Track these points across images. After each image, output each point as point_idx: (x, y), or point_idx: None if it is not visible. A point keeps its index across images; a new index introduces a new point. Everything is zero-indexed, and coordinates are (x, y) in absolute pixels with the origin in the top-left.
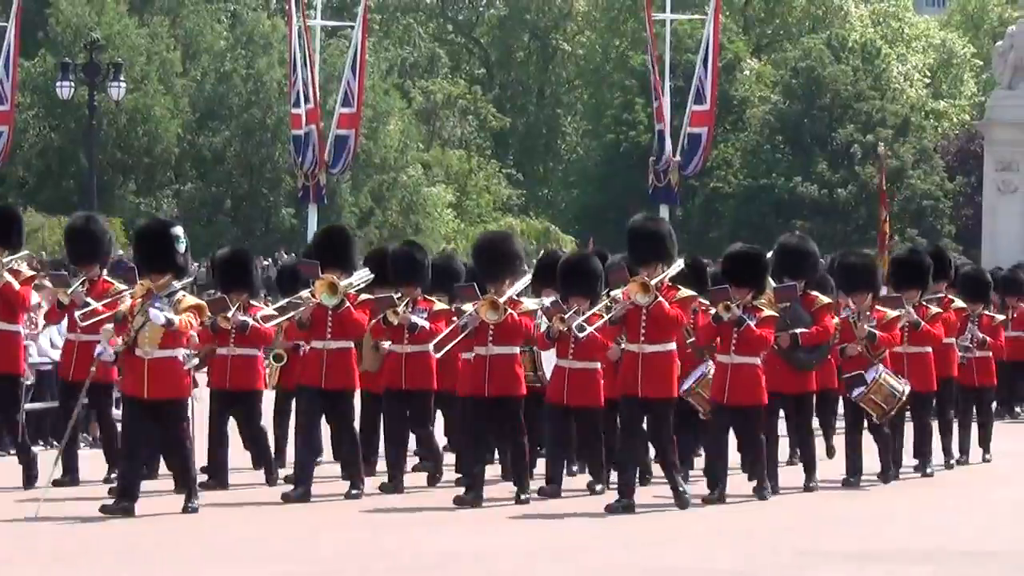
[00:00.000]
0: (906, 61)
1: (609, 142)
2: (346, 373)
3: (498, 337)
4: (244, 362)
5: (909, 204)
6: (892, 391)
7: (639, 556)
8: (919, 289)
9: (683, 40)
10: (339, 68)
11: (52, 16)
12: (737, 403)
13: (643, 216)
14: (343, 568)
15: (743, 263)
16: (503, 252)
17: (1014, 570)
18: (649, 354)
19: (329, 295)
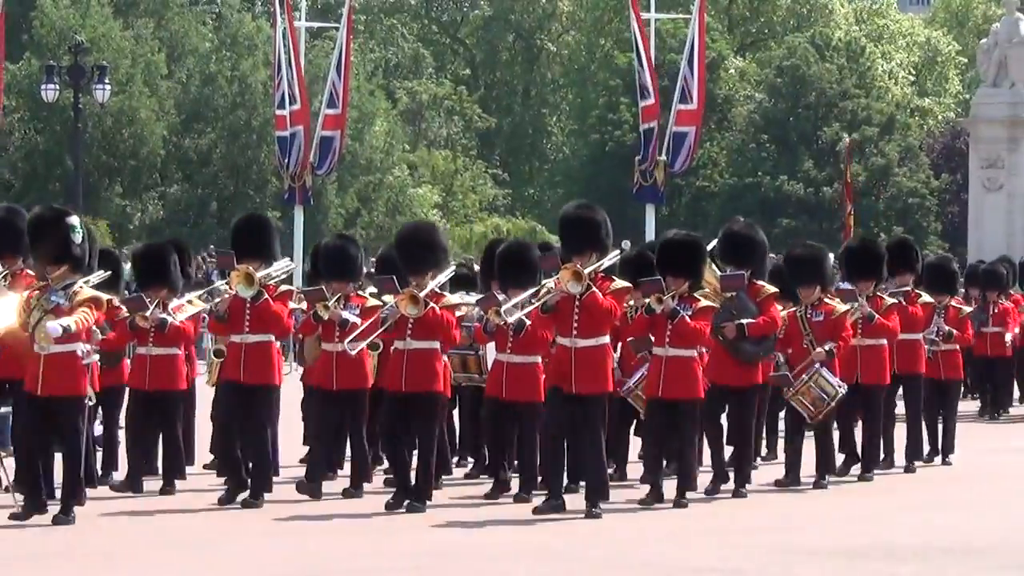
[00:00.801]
0: (891, 59)
1: (594, 142)
2: (266, 368)
3: (417, 331)
4: (164, 361)
5: (895, 202)
6: (821, 395)
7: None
8: (873, 280)
9: (667, 40)
10: (324, 69)
11: (36, 19)
12: (672, 397)
13: (575, 203)
14: None
15: (679, 251)
16: (426, 244)
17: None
18: (582, 348)
19: (245, 286)
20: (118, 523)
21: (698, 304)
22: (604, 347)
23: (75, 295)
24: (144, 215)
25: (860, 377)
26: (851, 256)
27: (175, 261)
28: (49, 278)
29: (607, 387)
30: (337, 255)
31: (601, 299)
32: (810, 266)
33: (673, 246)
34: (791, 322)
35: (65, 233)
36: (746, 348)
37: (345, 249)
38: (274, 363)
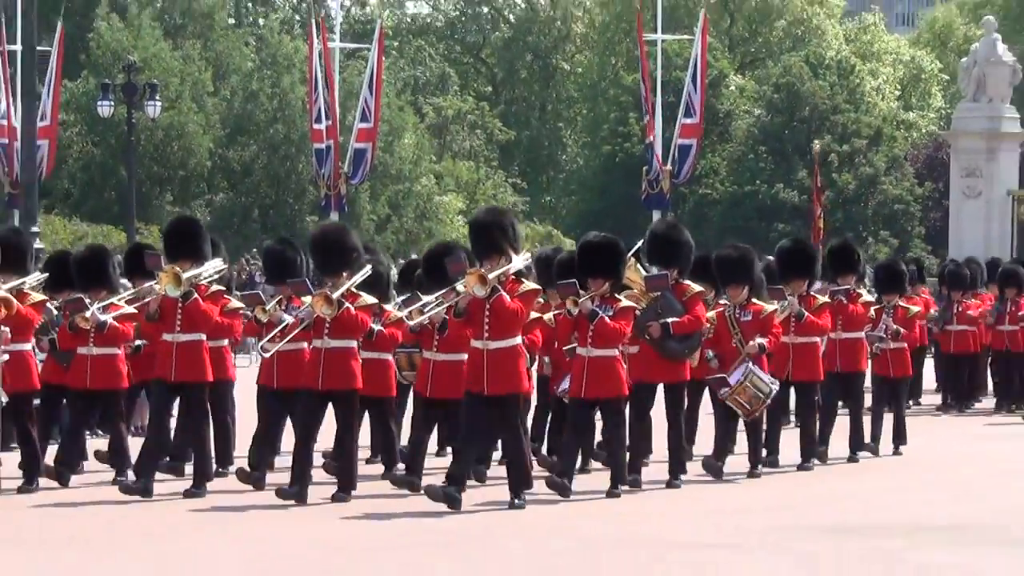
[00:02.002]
0: (878, 76)
1: (606, 153)
2: (197, 366)
3: (334, 331)
4: (104, 361)
5: (882, 208)
6: (756, 393)
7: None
8: (805, 280)
9: (672, 59)
10: (357, 87)
11: (93, 40)
12: (595, 396)
13: (485, 208)
14: None
15: (597, 253)
16: (337, 246)
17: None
18: (493, 350)
19: (173, 286)
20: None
21: (619, 304)
22: (516, 347)
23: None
24: None
25: (792, 374)
26: (784, 256)
27: (114, 264)
28: None
29: (520, 387)
30: (276, 259)
31: (508, 301)
32: (738, 267)
33: (591, 248)
34: (720, 321)
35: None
36: (671, 346)
37: (283, 253)
38: (205, 361)
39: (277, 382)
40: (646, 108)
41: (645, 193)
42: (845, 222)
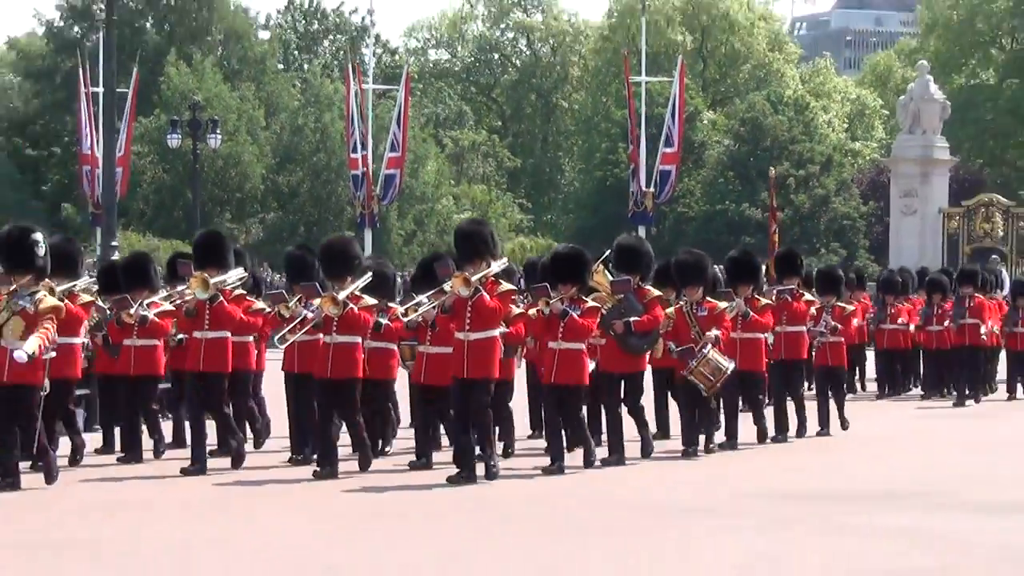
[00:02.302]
0: (829, 111)
1: (598, 177)
2: (220, 359)
3: (341, 328)
4: (146, 351)
5: (832, 224)
6: (718, 366)
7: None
8: (750, 285)
9: (655, 97)
10: (387, 122)
11: (164, 83)
12: (562, 383)
13: (468, 219)
14: None
15: (566, 261)
16: (343, 254)
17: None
18: (473, 341)
19: (202, 290)
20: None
21: (586, 305)
22: (493, 339)
23: (39, 302)
24: (247, 236)
25: (739, 364)
26: (732, 265)
27: (155, 268)
28: (16, 285)
29: (493, 373)
30: (297, 262)
31: (488, 300)
32: (694, 270)
33: (560, 258)
34: (679, 317)
35: (30, 246)
36: (632, 342)
37: (304, 258)
38: (227, 355)
39: (297, 367)
40: (632, 139)
41: (631, 211)
42: (801, 235)
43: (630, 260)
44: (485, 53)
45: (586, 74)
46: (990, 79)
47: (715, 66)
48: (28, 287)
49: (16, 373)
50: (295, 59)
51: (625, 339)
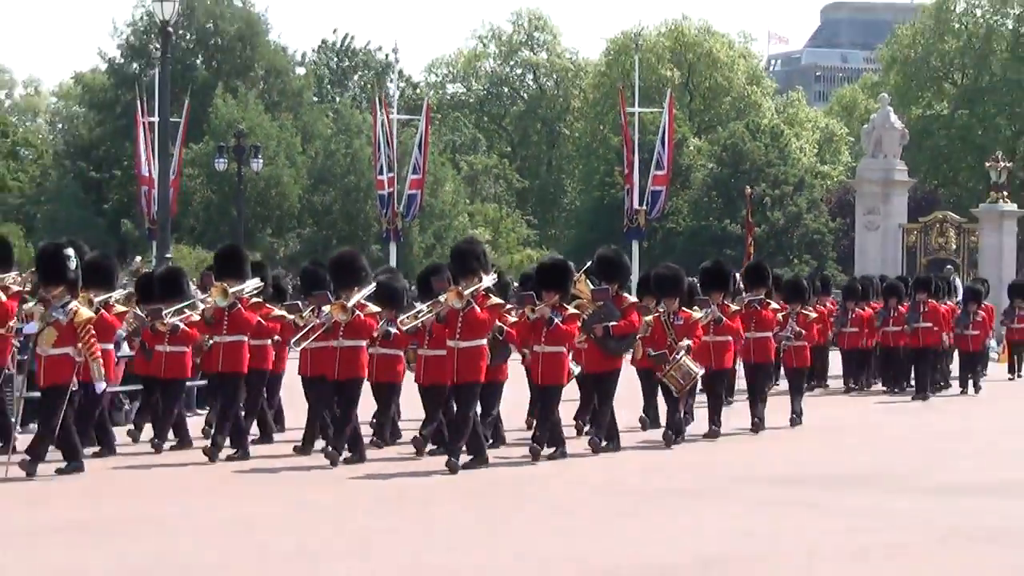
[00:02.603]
0: (801, 139)
1: (596, 197)
2: (237, 361)
3: (347, 333)
4: (175, 357)
5: (804, 238)
6: (689, 371)
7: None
8: (722, 292)
9: (647, 126)
10: (410, 147)
11: (212, 113)
12: (545, 383)
13: (464, 239)
14: None
15: (550, 272)
16: (351, 266)
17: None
18: (463, 348)
19: (221, 298)
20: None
21: (567, 312)
22: (480, 347)
23: (75, 313)
24: (286, 249)
25: (713, 364)
26: (705, 275)
27: (187, 281)
28: (49, 296)
29: (479, 378)
30: (311, 276)
31: (478, 312)
32: (671, 283)
33: (545, 269)
34: (656, 324)
35: (62, 261)
36: (611, 344)
37: (316, 272)
38: (244, 357)
39: (310, 370)
40: (626, 163)
41: (626, 227)
42: (776, 248)
43: (609, 271)
44: (496, 87)
45: (585, 105)
46: (943, 110)
47: (700, 98)
48: (60, 299)
49: (49, 376)
50: (328, 92)
51: (605, 342)
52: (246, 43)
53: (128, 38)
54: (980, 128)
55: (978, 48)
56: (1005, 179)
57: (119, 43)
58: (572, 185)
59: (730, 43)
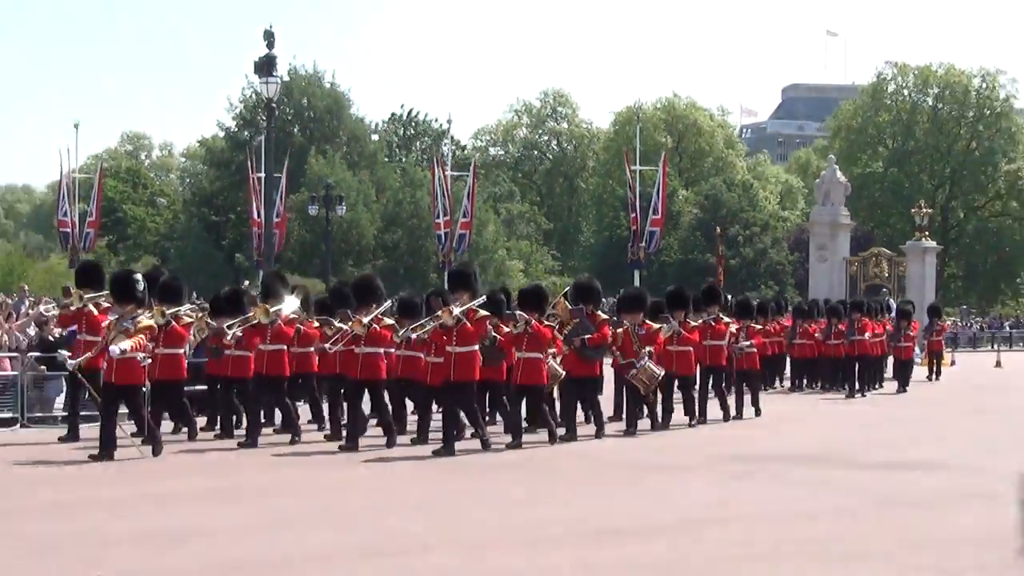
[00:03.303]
0: (766, 190)
1: (606, 236)
2: (278, 365)
3: (367, 342)
4: (240, 359)
5: (769, 268)
6: (653, 373)
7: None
8: (683, 310)
9: (646, 180)
10: (460, 197)
11: (307, 170)
12: (525, 383)
13: (461, 263)
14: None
15: (530, 295)
16: (368, 288)
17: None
18: (459, 353)
19: (264, 316)
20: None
21: (540, 327)
22: (472, 353)
23: (138, 322)
24: None
25: (677, 370)
26: (669, 296)
27: (248, 299)
28: (122, 312)
29: (473, 377)
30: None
31: (468, 326)
32: (636, 301)
33: (526, 292)
34: (625, 335)
35: (132, 285)
36: (587, 353)
37: (342, 291)
38: (285, 362)
39: (339, 369)
40: (630, 209)
41: (630, 260)
42: (747, 276)
43: (584, 294)
44: (528, 150)
45: (598, 164)
46: (878, 168)
47: (687, 159)
48: (131, 314)
49: (120, 376)
50: (396, 154)
51: (581, 351)
52: (333, 115)
53: (240, 111)
54: (907, 182)
55: (905, 120)
56: (926, 222)
57: (233, 115)
58: (587, 226)
59: (711, 115)
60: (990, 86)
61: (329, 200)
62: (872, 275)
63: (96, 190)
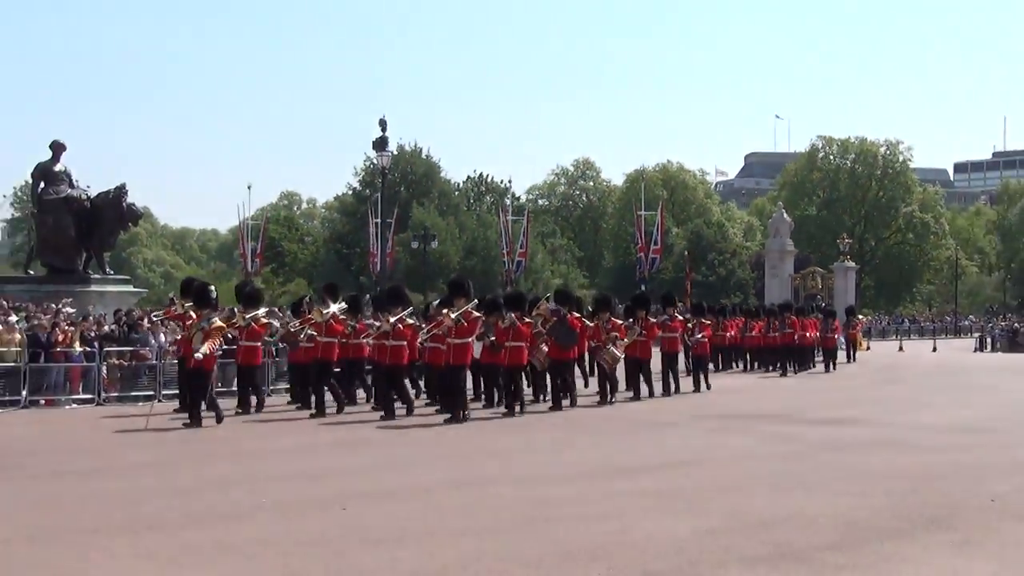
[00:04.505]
0: (734, 228)
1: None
2: (331, 353)
3: (392, 336)
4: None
5: (737, 283)
6: (614, 356)
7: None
8: (644, 310)
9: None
10: (518, 235)
11: (411, 217)
12: (510, 364)
13: (457, 274)
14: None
15: (513, 299)
16: (396, 294)
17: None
18: (455, 344)
19: (320, 316)
20: None
21: (522, 322)
22: (467, 344)
23: (212, 322)
24: None
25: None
26: (634, 299)
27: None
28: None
29: (466, 361)
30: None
31: (465, 325)
32: (604, 303)
33: (511, 296)
34: (596, 328)
35: (208, 293)
36: (564, 342)
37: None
38: (332, 352)
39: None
40: (638, 243)
41: (638, 278)
42: (720, 288)
43: (562, 299)
44: (565, 201)
45: (615, 211)
46: (813, 211)
47: (678, 206)
48: (207, 317)
49: (194, 364)
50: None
51: (559, 341)
52: (428, 178)
53: (363, 176)
54: (833, 221)
55: (831, 177)
56: (848, 249)
57: (358, 178)
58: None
59: (694, 175)
60: (892, 152)
61: (426, 238)
62: (810, 287)
63: (262, 232)
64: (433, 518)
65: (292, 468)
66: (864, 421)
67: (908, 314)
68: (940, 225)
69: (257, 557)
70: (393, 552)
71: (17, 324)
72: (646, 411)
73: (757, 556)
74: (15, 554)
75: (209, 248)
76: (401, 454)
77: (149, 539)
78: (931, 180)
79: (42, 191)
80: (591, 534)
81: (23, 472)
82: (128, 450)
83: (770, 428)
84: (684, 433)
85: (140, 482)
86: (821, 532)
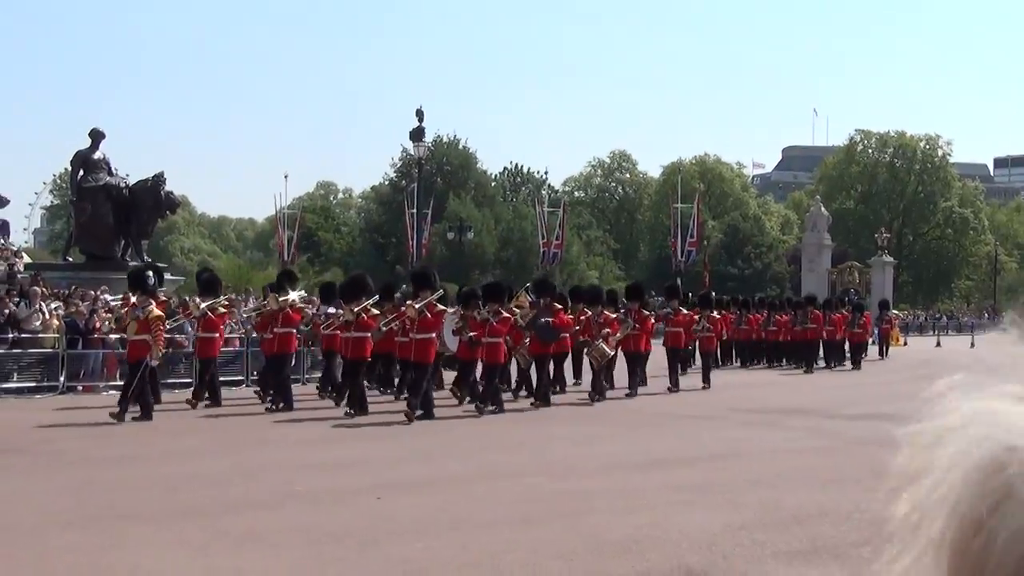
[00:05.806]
0: (771, 221)
1: (657, 253)
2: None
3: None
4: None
5: (774, 276)
6: (604, 352)
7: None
8: (638, 302)
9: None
10: (554, 226)
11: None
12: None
13: (421, 264)
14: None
15: (492, 289)
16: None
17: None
18: (418, 339)
19: (275, 303)
20: None
21: (502, 315)
22: (430, 339)
23: (148, 313)
24: None
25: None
26: (628, 290)
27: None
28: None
29: (428, 359)
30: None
31: (429, 317)
32: (595, 295)
33: (489, 287)
34: (586, 321)
35: (144, 279)
36: (547, 337)
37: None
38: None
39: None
40: (673, 234)
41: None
42: (756, 283)
43: (542, 288)
44: (602, 193)
45: (651, 203)
46: (851, 204)
47: (714, 199)
48: (142, 304)
49: (132, 354)
50: (509, 196)
51: (541, 335)
52: (464, 169)
53: (400, 166)
54: (871, 215)
55: (870, 171)
56: (886, 244)
57: (395, 169)
58: (644, 246)
59: (731, 168)
60: (932, 146)
61: (461, 228)
62: (847, 282)
63: (299, 222)
64: (464, 509)
65: (322, 458)
66: (898, 417)
67: (947, 310)
68: (979, 220)
69: (287, 546)
70: (426, 542)
71: (55, 311)
72: (678, 404)
73: (791, 551)
74: (51, 539)
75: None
76: (430, 444)
77: (183, 526)
78: (971, 175)
79: (81, 179)
80: (624, 527)
81: (60, 459)
82: (163, 437)
83: (804, 422)
84: (717, 427)
85: (174, 469)
86: (855, 528)
